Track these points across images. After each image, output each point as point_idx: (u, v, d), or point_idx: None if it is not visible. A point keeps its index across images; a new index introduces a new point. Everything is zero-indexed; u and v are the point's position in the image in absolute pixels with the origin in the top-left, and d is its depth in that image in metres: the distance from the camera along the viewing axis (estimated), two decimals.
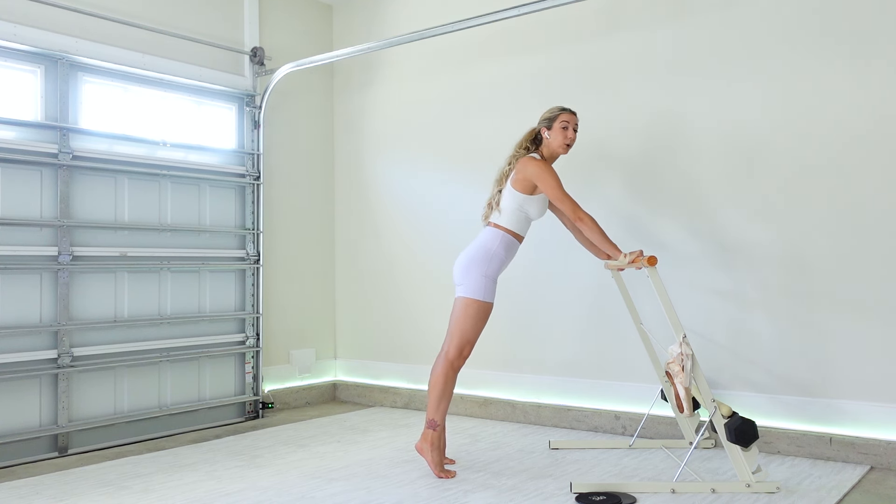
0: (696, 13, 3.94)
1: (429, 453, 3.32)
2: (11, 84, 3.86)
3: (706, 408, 3.03)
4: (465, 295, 3.33)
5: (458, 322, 3.34)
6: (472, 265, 3.34)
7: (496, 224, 3.42)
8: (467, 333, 3.33)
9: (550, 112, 3.46)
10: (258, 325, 4.86)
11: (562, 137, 3.41)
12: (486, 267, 3.33)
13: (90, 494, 3.13)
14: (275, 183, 5.10)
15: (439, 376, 3.35)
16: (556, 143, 3.42)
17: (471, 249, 3.40)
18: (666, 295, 3.09)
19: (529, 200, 3.39)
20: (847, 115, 3.51)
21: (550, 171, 3.33)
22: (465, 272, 3.35)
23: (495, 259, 3.35)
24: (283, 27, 5.22)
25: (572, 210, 3.26)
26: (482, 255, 3.35)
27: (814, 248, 3.59)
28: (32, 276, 3.85)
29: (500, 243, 3.37)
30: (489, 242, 3.38)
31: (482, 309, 3.32)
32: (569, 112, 3.45)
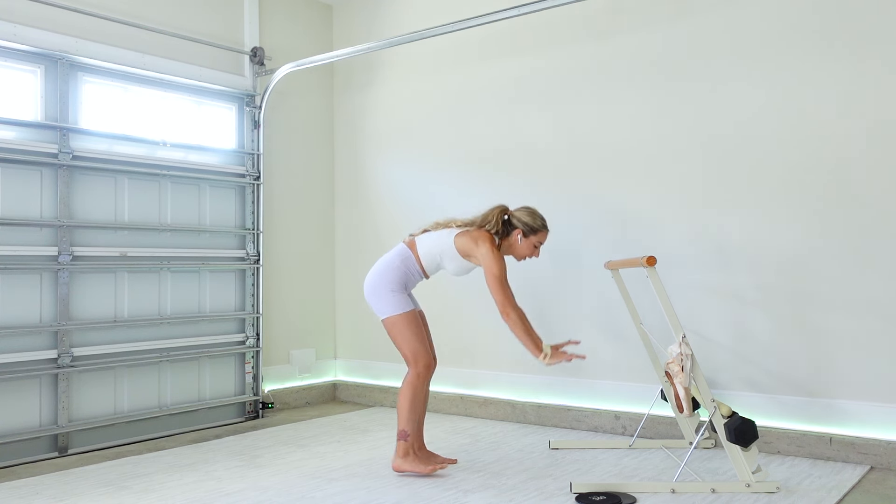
0: (695, 14, 3.94)
1: (408, 465, 3.29)
2: (11, 84, 3.86)
3: (706, 408, 3.03)
4: (383, 316, 3.34)
5: (396, 341, 3.36)
6: (376, 286, 3.35)
7: (411, 246, 3.40)
8: (408, 345, 3.33)
9: (535, 223, 3.38)
10: (258, 325, 4.86)
11: (528, 252, 3.40)
12: (388, 281, 3.33)
13: (90, 494, 3.13)
14: (275, 183, 5.11)
15: (406, 389, 3.33)
16: (520, 252, 3.40)
17: (376, 268, 3.40)
18: (665, 295, 3.09)
19: (457, 260, 3.36)
20: (846, 116, 3.51)
21: (502, 263, 3.27)
22: (373, 295, 3.36)
23: (398, 273, 3.34)
24: (283, 27, 5.22)
25: (502, 305, 3.20)
26: (382, 268, 3.36)
27: (813, 248, 3.59)
28: (32, 276, 3.85)
29: (403, 261, 3.36)
30: (394, 260, 3.37)
31: (405, 319, 3.31)
32: (547, 232, 3.42)
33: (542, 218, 3.42)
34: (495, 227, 3.35)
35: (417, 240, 3.43)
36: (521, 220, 3.38)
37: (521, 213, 3.40)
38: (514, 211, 3.42)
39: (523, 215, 3.39)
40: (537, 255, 3.45)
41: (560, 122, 4.41)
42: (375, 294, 3.35)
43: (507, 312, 3.20)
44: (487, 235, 3.32)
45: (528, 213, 3.40)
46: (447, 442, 3.96)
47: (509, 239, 3.39)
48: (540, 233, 3.39)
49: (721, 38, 3.85)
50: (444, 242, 3.36)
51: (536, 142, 4.50)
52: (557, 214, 4.41)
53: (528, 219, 3.38)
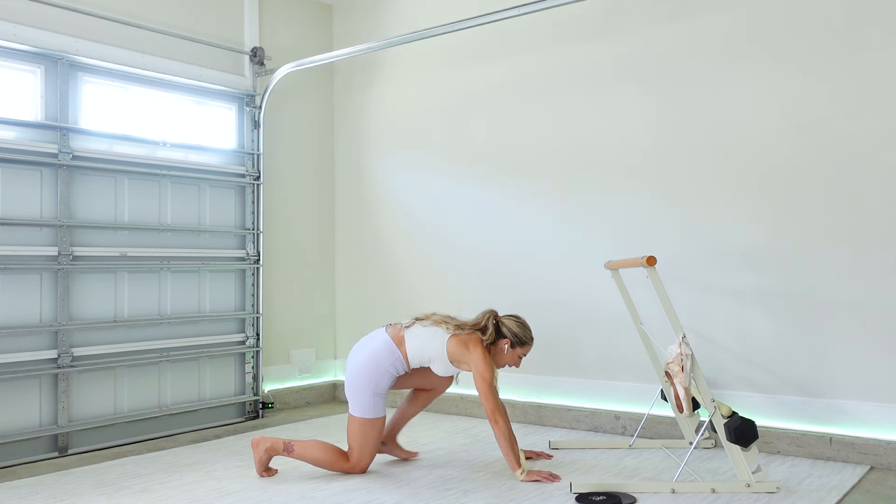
0: (695, 15, 3.94)
1: (260, 452, 3.31)
2: (11, 84, 3.86)
3: (706, 408, 3.03)
4: (356, 414, 3.29)
5: (356, 437, 3.31)
6: (360, 382, 3.29)
7: (399, 340, 3.34)
8: (362, 448, 3.31)
9: (524, 335, 3.36)
10: (258, 325, 4.86)
11: (511, 361, 3.37)
12: (376, 385, 3.29)
13: (90, 494, 3.13)
14: (275, 183, 5.11)
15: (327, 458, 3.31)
16: (503, 360, 3.37)
17: (360, 364, 3.32)
18: (665, 295, 3.09)
19: (446, 363, 3.32)
20: (847, 115, 3.51)
21: (492, 368, 3.25)
22: (353, 389, 3.30)
23: (385, 377, 3.31)
24: (283, 27, 5.22)
25: (491, 412, 3.18)
26: (372, 370, 3.29)
27: (813, 248, 3.59)
28: (32, 276, 3.85)
29: (392, 363, 3.32)
30: (383, 359, 3.30)
31: (373, 425, 3.29)
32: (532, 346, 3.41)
33: (531, 330, 3.41)
34: (491, 337, 3.32)
35: (406, 335, 3.36)
36: (512, 330, 3.35)
37: (512, 323, 3.36)
38: (503, 318, 3.38)
39: (514, 326, 3.36)
40: (517, 366, 3.43)
41: (560, 122, 4.41)
42: (357, 390, 3.30)
43: (496, 419, 3.18)
44: (479, 340, 3.29)
45: (518, 325, 3.37)
46: (447, 442, 3.96)
47: (496, 346, 3.35)
48: (527, 346, 3.38)
49: (721, 38, 3.85)
50: (435, 346, 3.31)
51: (537, 142, 4.50)
52: (557, 214, 4.42)
53: (519, 330, 3.36)
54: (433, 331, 3.36)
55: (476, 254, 4.76)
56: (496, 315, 3.40)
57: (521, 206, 4.56)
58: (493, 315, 3.39)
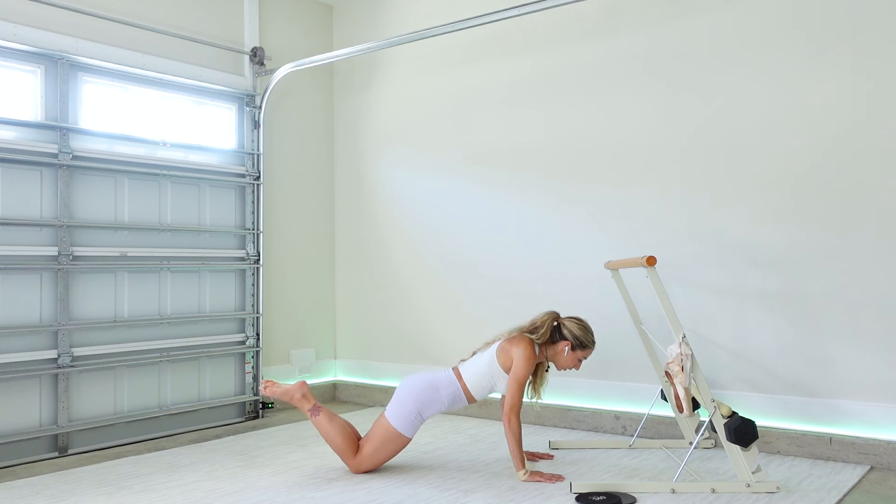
0: (696, 14, 3.94)
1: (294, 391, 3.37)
2: (11, 84, 3.86)
3: (706, 408, 3.03)
4: (391, 420, 3.29)
5: (374, 440, 3.31)
6: (412, 397, 3.29)
7: (459, 375, 3.35)
8: (376, 456, 3.32)
9: (587, 338, 3.33)
10: (258, 325, 4.86)
11: (571, 364, 3.35)
12: (424, 407, 3.30)
13: (90, 494, 3.13)
14: (275, 183, 5.11)
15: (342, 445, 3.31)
16: (563, 363, 3.35)
17: (421, 381, 3.34)
18: (665, 295, 3.09)
19: (503, 376, 3.30)
20: (846, 115, 3.51)
21: (529, 364, 3.24)
22: (404, 398, 3.31)
23: (435, 404, 3.31)
24: (283, 27, 5.22)
25: (510, 408, 3.19)
26: (428, 394, 3.30)
27: (814, 247, 3.59)
28: (32, 276, 3.85)
29: (449, 394, 3.32)
30: (442, 388, 3.32)
31: (400, 440, 3.30)
32: (593, 349, 3.38)
33: (593, 334, 3.37)
34: (544, 336, 3.30)
35: (461, 368, 3.36)
36: (573, 332, 3.32)
37: (574, 325, 3.34)
38: (565, 320, 3.36)
39: (575, 328, 3.33)
40: (578, 368, 3.40)
41: (561, 122, 4.41)
42: (403, 401, 3.30)
43: (510, 418, 3.18)
44: (527, 339, 3.28)
45: (580, 328, 3.33)
46: (447, 442, 3.96)
47: (555, 347, 3.33)
48: (587, 349, 3.35)
49: (721, 37, 3.85)
50: (489, 362, 3.31)
51: (537, 142, 4.50)
52: (557, 214, 4.42)
53: (580, 333, 3.32)
54: (487, 351, 3.35)
55: (475, 253, 4.76)
56: (557, 316, 3.37)
57: (521, 205, 4.56)
58: (553, 317, 3.36)
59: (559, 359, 3.35)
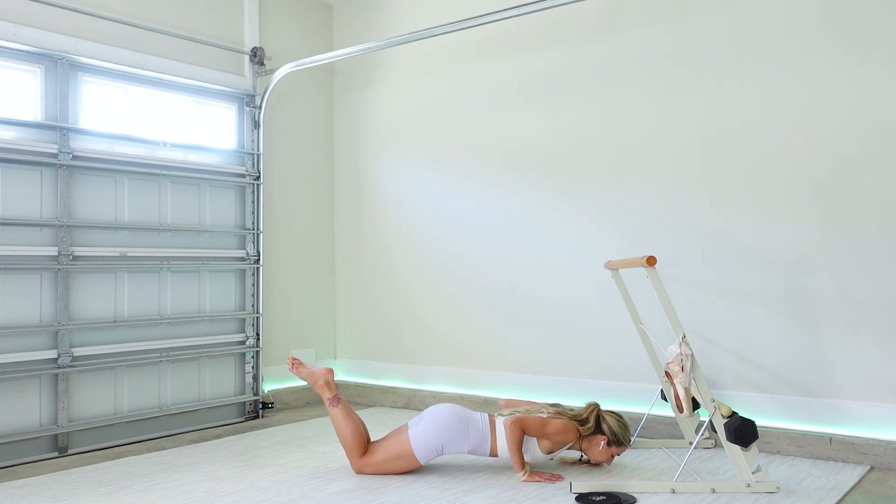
0: (696, 14, 3.94)
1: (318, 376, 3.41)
2: (11, 84, 3.86)
3: (706, 408, 3.03)
4: (412, 442, 3.28)
5: (388, 451, 3.31)
6: (442, 428, 3.28)
7: (493, 427, 3.33)
8: (383, 467, 3.31)
9: (623, 436, 3.31)
10: (258, 325, 4.86)
11: (604, 458, 3.34)
12: (448, 444, 3.29)
13: (90, 494, 3.13)
14: (275, 183, 5.11)
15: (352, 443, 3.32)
16: (597, 457, 3.34)
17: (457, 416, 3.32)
18: (665, 295, 3.09)
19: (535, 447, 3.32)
20: (848, 115, 3.51)
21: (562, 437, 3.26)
22: (434, 425, 3.29)
23: (460, 445, 3.30)
24: (283, 27, 5.22)
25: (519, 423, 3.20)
26: (457, 431, 3.29)
27: (814, 247, 3.59)
28: (32, 276, 3.85)
29: (477, 439, 3.31)
30: (472, 430, 3.31)
31: (412, 463, 3.30)
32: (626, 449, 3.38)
33: (630, 432, 3.37)
34: (590, 430, 3.30)
35: (498, 423, 3.34)
36: (612, 428, 3.30)
37: (613, 421, 3.32)
38: (605, 414, 3.35)
39: (615, 425, 3.31)
40: (609, 463, 3.40)
41: (561, 122, 4.41)
42: (433, 430, 3.28)
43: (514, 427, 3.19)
44: (572, 427, 3.28)
45: (619, 425, 3.32)
46: None
47: (591, 439, 3.32)
48: (623, 447, 3.34)
49: (722, 37, 3.85)
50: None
51: (537, 141, 4.50)
52: (558, 214, 4.42)
53: (619, 430, 3.31)
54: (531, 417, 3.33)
55: (475, 252, 4.76)
56: (599, 409, 3.37)
57: (521, 205, 4.56)
58: (596, 409, 3.36)
59: (593, 451, 3.34)
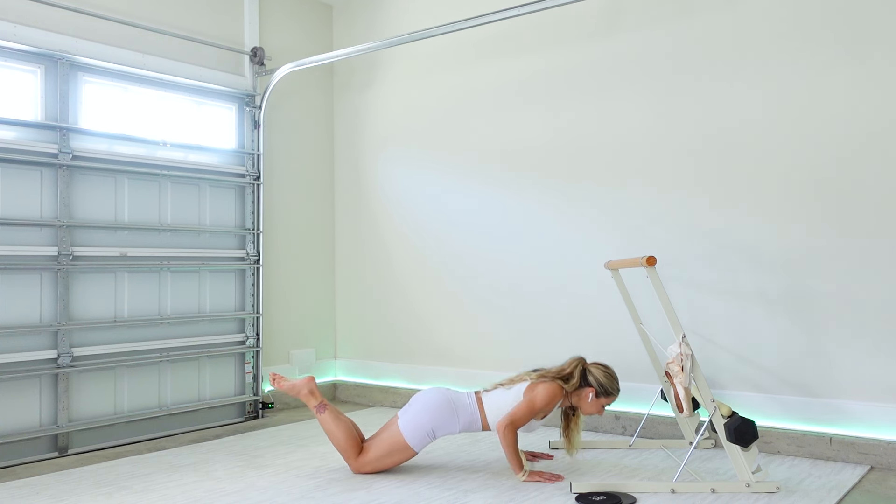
0: (696, 14, 3.94)
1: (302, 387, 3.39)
2: (11, 84, 3.86)
3: (706, 408, 3.03)
4: (403, 431, 3.28)
5: (381, 446, 3.31)
6: (430, 413, 3.28)
7: (480, 403, 3.34)
8: (380, 463, 3.32)
9: (611, 386, 3.31)
10: (258, 325, 4.86)
11: (595, 410, 3.33)
12: (438, 426, 3.29)
13: (90, 494, 3.13)
14: (275, 183, 5.11)
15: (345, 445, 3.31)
16: (587, 409, 3.34)
17: (442, 398, 3.33)
18: (665, 295, 3.09)
19: None
20: (846, 115, 3.51)
21: (551, 402, 3.24)
22: (421, 411, 3.30)
23: (450, 425, 3.31)
24: (283, 27, 5.22)
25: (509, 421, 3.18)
26: (445, 411, 3.30)
27: (814, 247, 3.59)
28: (32, 276, 3.85)
29: (466, 418, 3.32)
30: (461, 410, 3.32)
31: (406, 452, 3.30)
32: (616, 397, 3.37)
33: (618, 381, 3.36)
34: (575, 385, 3.30)
35: (484, 397, 3.35)
36: (598, 380, 3.31)
37: (599, 373, 3.33)
38: (591, 366, 3.35)
39: (601, 376, 3.32)
40: (601, 414, 3.41)
41: (561, 122, 4.41)
42: (419, 413, 3.29)
43: (507, 429, 3.18)
44: (557, 385, 3.27)
45: (605, 375, 3.32)
46: (447, 441, 3.96)
47: (580, 393, 3.32)
48: (612, 396, 3.34)
49: (722, 37, 3.85)
50: (513, 401, 3.29)
51: (537, 141, 4.50)
52: (557, 214, 4.42)
53: (606, 381, 3.31)
54: (513, 389, 3.33)
55: (475, 252, 4.76)
56: (584, 362, 3.37)
57: (521, 205, 4.56)
58: (580, 362, 3.36)
59: (584, 405, 3.34)
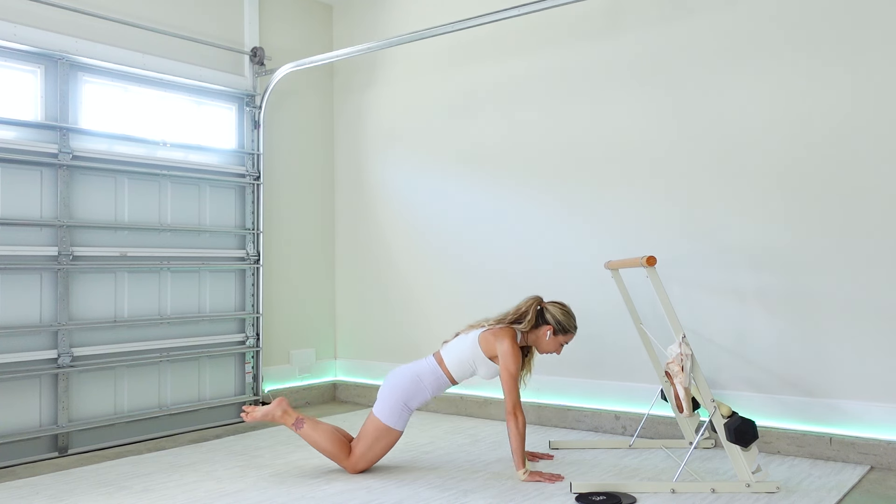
0: (695, 15, 3.94)
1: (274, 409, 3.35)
2: (11, 84, 3.86)
3: (706, 408, 3.03)
4: (378, 416, 3.30)
5: (365, 439, 3.31)
6: (397, 390, 3.31)
7: (440, 360, 3.36)
8: (370, 454, 3.32)
9: (569, 323, 3.34)
10: (258, 325, 4.86)
11: (553, 348, 3.35)
12: (409, 398, 3.30)
13: (90, 494, 3.13)
14: (275, 183, 5.11)
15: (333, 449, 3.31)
16: (545, 347, 3.36)
17: (404, 373, 3.36)
18: (665, 295, 3.09)
19: (484, 362, 3.32)
20: (848, 115, 3.51)
21: (517, 358, 3.24)
22: (388, 392, 3.32)
23: (420, 394, 3.32)
24: (283, 27, 5.22)
25: (512, 405, 3.18)
26: (410, 383, 3.32)
27: (814, 248, 3.59)
28: (32, 276, 3.85)
29: (432, 381, 3.33)
30: (424, 375, 3.34)
31: (390, 434, 3.30)
32: (575, 334, 3.38)
33: (575, 318, 3.38)
34: (530, 324, 3.31)
35: (443, 351, 3.38)
36: (556, 317, 3.33)
37: (556, 310, 3.34)
38: (548, 305, 3.36)
39: (558, 313, 3.33)
40: (559, 353, 3.42)
41: (561, 122, 4.41)
42: (389, 396, 3.31)
43: (515, 414, 3.18)
44: (510, 332, 3.28)
45: (562, 313, 3.34)
46: (447, 441, 3.96)
47: (537, 332, 3.34)
48: (569, 334, 3.35)
49: (722, 37, 3.85)
50: (471, 346, 3.32)
51: (537, 141, 4.50)
52: (558, 214, 4.42)
53: (563, 318, 3.33)
54: (470, 335, 3.35)
55: (475, 252, 4.76)
56: (541, 301, 3.38)
57: (521, 204, 4.56)
58: (537, 301, 3.37)
59: (541, 343, 3.36)
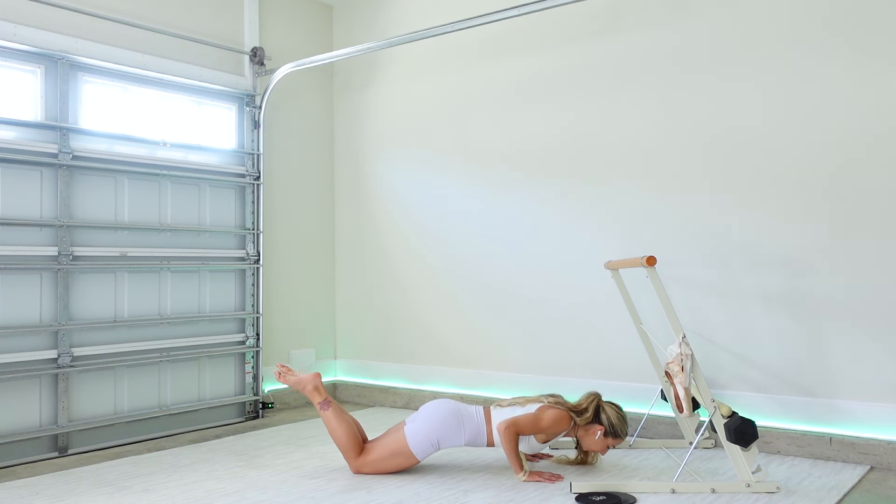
0: (697, 14, 3.94)
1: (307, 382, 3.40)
2: (11, 84, 3.86)
3: (706, 408, 3.03)
4: (408, 438, 3.28)
5: (384, 449, 3.30)
6: (436, 421, 3.28)
7: (489, 418, 3.33)
8: (381, 465, 3.31)
9: (621, 429, 3.28)
10: (258, 325, 4.86)
11: (599, 447, 3.31)
12: (444, 437, 3.29)
13: (90, 494, 3.13)
14: (275, 183, 5.11)
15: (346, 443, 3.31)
16: (591, 445, 3.32)
17: (451, 408, 3.33)
18: (665, 295, 3.09)
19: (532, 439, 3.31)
20: (847, 116, 3.51)
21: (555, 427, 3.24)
22: (428, 422, 3.29)
23: (455, 438, 3.30)
24: (283, 27, 5.22)
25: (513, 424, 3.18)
26: (453, 420, 3.30)
27: (814, 247, 3.59)
28: (32, 276, 3.85)
29: (473, 432, 3.31)
30: (467, 422, 3.31)
31: (409, 459, 3.30)
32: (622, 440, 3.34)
33: (627, 424, 3.34)
34: (587, 420, 3.28)
35: (494, 413, 3.34)
36: (611, 420, 3.28)
37: (613, 413, 3.30)
38: (605, 404, 3.33)
39: (614, 416, 3.29)
40: (604, 454, 3.39)
41: (561, 122, 4.41)
42: (430, 424, 3.28)
43: (510, 430, 3.18)
44: (566, 414, 3.26)
45: (618, 417, 3.30)
46: None
47: (588, 428, 3.31)
48: (619, 439, 3.32)
49: (723, 37, 3.85)
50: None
51: (537, 142, 4.50)
52: (557, 214, 4.42)
53: (617, 423, 3.29)
54: (528, 406, 3.31)
55: (475, 252, 4.76)
56: (600, 398, 3.36)
57: (521, 205, 4.56)
58: (596, 399, 3.35)
59: (589, 440, 3.32)
